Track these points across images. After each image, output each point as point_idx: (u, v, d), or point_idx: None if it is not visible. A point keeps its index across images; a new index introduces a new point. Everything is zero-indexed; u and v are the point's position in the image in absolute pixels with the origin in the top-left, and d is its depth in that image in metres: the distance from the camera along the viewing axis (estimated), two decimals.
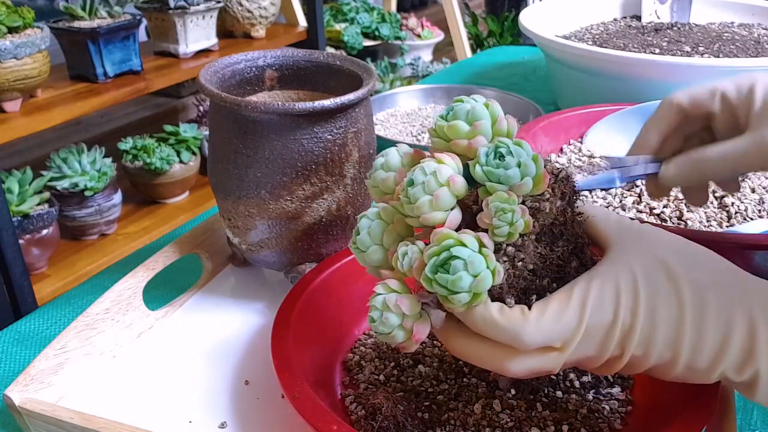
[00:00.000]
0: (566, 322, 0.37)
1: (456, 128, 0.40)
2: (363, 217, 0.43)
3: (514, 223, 0.37)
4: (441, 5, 2.90)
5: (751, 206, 0.67)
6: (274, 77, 0.65)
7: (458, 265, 0.36)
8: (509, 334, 0.37)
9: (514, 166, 0.37)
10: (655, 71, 0.87)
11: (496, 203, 0.37)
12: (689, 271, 0.38)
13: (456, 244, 0.36)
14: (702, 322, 0.36)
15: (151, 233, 1.64)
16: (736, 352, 0.36)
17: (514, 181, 0.38)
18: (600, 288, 0.37)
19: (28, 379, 0.50)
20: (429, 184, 0.38)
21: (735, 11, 1.19)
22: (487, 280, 0.36)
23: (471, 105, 0.41)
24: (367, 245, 0.42)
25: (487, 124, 0.40)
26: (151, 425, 0.49)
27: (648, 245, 0.39)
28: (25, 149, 1.82)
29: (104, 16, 1.57)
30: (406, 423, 0.45)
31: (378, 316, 0.39)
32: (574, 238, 0.41)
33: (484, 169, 0.38)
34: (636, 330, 0.37)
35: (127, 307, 0.58)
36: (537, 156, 0.38)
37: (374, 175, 0.43)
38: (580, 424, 0.47)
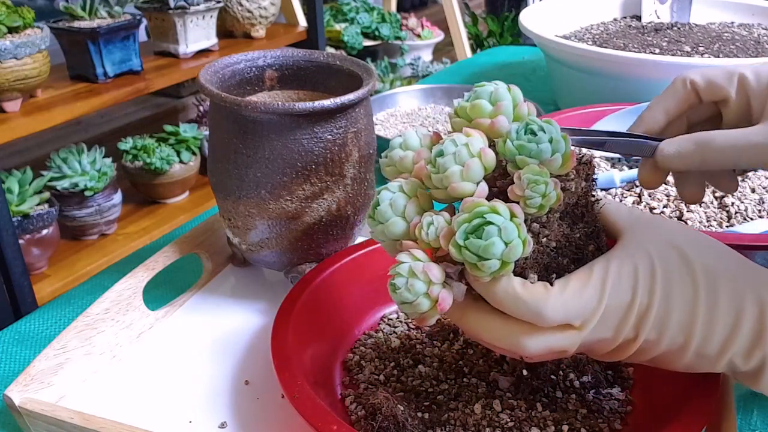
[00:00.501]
0: (587, 299, 0.37)
1: (479, 107, 0.41)
2: (383, 189, 0.42)
3: (547, 194, 0.37)
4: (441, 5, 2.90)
5: (751, 206, 0.67)
6: (274, 77, 0.65)
7: (492, 231, 0.36)
8: (531, 309, 0.37)
9: (546, 141, 0.38)
10: (655, 71, 0.87)
11: (529, 175, 0.37)
12: (701, 256, 0.38)
13: (490, 211, 0.37)
14: (714, 306, 0.37)
15: (151, 233, 1.64)
16: (745, 337, 0.37)
17: (546, 156, 0.38)
18: (619, 268, 0.38)
19: (28, 379, 0.50)
20: (460, 154, 0.38)
21: (735, 11, 1.19)
22: (518, 248, 0.36)
23: (494, 87, 0.41)
24: (388, 217, 0.41)
25: (509, 105, 0.41)
26: (151, 425, 0.49)
27: (660, 232, 0.40)
28: (25, 149, 1.82)
29: (104, 16, 1.57)
30: (406, 423, 0.45)
31: (403, 283, 0.38)
32: (593, 221, 0.42)
33: (515, 143, 0.38)
34: (652, 311, 0.37)
35: (127, 307, 0.58)
36: (566, 136, 0.39)
37: (391, 153, 0.43)
38: (580, 424, 0.47)
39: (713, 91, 0.48)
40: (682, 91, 0.49)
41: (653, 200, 0.68)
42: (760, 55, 0.98)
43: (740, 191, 0.69)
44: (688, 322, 0.37)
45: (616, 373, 0.51)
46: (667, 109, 0.49)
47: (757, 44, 1.02)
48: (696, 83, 0.48)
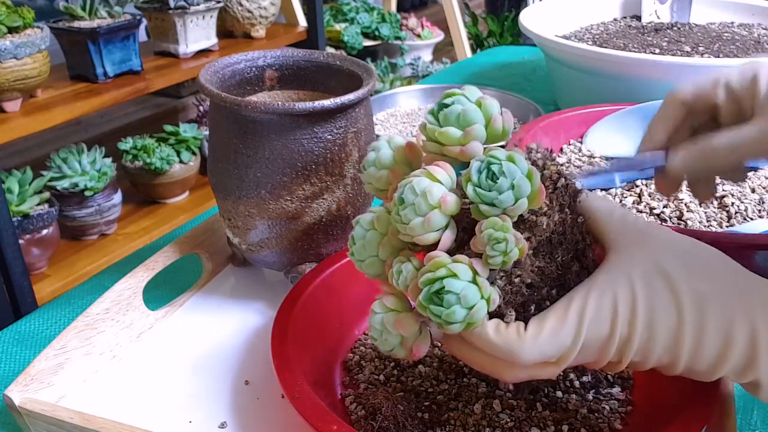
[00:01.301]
0: (562, 340, 0.37)
1: (447, 135, 0.39)
2: (357, 224, 0.42)
3: (508, 252, 0.36)
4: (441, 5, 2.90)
5: (751, 206, 0.67)
6: (274, 77, 0.65)
7: (451, 299, 0.36)
8: (505, 353, 0.37)
9: (507, 189, 0.36)
10: (655, 71, 0.87)
11: (490, 231, 0.36)
12: (690, 278, 0.37)
13: (448, 275, 0.36)
14: (701, 331, 0.36)
15: (151, 233, 1.64)
16: (737, 360, 0.36)
17: (508, 204, 0.36)
18: (597, 301, 0.37)
19: (28, 379, 0.50)
20: (420, 206, 0.37)
21: (735, 11, 1.19)
22: (481, 311, 0.36)
23: (462, 107, 0.39)
24: (364, 257, 0.41)
25: (480, 128, 0.39)
26: (151, 425, 0.49)
27: (649, 250, 0.38)
28: (25, 149, 1.82)
29: (104, 16, 1.57)
30: (406, 423, 0.45)
31: (378, 335, 0.40)
32: (574, 244, 0.40)
33: (476, 190, 0.37)
34: (634, 341, 0.37)
35: (127, 307, 0.58)
36: (531, 172, 0.37)
37: (367, 171, 0.43)
38: (580, 424, 0.47)
39: (702, 101, 0.50)
40: (673, 107, 0.51)
41: (653, 200, 0.68)
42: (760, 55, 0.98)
43: (740, 191, 0.69)
44: (672, 346, 0.37)
45: (616, 373, 0.51)
46: (665, 127, 0.51)
47: (757, 44, 1.02)
48: (685, 98, 0.51)
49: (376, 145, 0.42)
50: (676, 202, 0.67)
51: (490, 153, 0.37)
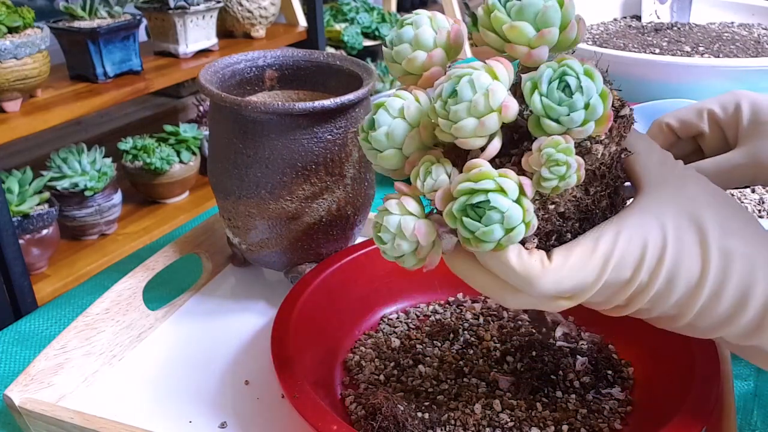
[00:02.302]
0: (584, 277, 0.35)
1: (519, 31, 0.33)
2: (382, 107, 0.36)
3: (565, 177, 0.32)
4: (441, 5, 2.90)
5: (751, 206, 0.67)
6: (274, 77, 0.65)
7: (494, 217, 0.32)
8: (523, 281, 0.35)
9: (581, 108, 0.32)
10: (655, 71, 0.87)
11: (551, 150, 0.32)
12: (723, 236, 0.36)
13: (495, 190, 0.32)
14: (719, 291, 0.36)
15: (151, 233, 1.64)
16: (745, 323, 0.36)
17: (576, 124, 0.32)
18: (627, 243, 0.35)
19: (28, 379, 0.50)
20: (477, 105, 0.32)
21: (735, 11, 1.19)
22: (519, 234, 0.33)
23: (543, 4, 0.33)
24: (384, 146, 0.36)
25: (556, 32, 0.34)
26: (151, 425, 0.49)
27: (686, 199, 0.37)
28: (25, 149, 1.82)
29: (104, 16, 1.57)
30: (406, 423, 0.45)
31: (389, 239, 0.35)
32: (614, 180, 0.37)
33: (544, 101, 0.32)
34: (650, 290, 0.36)
35: (127, 307, 0.58)
36: (606, 92, 0.33)
37: (399, 49, 0.37)
38: (580, 424, 0.47)
39: (688, 129, 0.52)
40: (660, 135, 0.53)
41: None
42: (760, 54, 0.98)
43: (740, 191, 0.69)
44: (685, 302, 0.36)
45: (616, 373, 0.51)
46: None
47: (757, 44, 1.02)
48: (671, 125, 0.52)
49: (415, 20, 0.36)
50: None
51: (564, 61, 0.33)
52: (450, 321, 0.58)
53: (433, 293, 0.61)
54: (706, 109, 0.51)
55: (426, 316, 0.59)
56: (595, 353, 0.53)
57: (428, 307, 0.60)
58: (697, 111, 0.51)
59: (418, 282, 0.60)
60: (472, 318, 0.58)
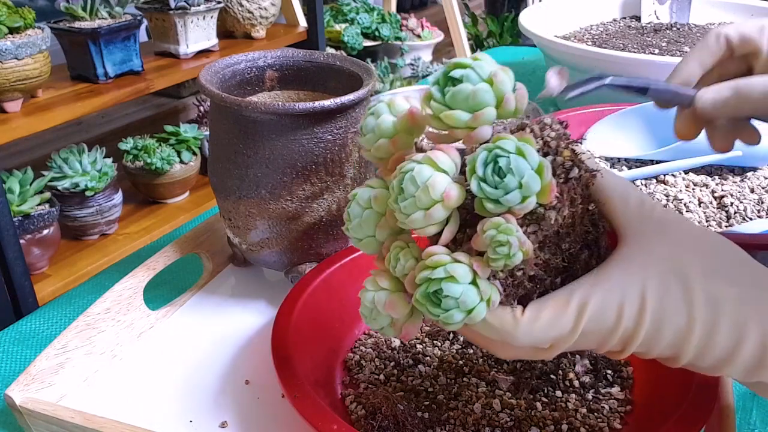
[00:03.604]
0: (559, 329, 0.36)
1: (454, 118, 0.35)
2: (354, 199, 0.39)
3: (511, 256, 0.33)
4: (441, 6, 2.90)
5: (751, 206, 0.67)
6: (274, 78, 0.65)
7: (450, 304, 0.34)
8: (500, 335, 0.36)
9: (515, 189, 0.33)
10: (655, 71, 0.87)
11: (492, 232, 0.33)
12: (709, 280, 0.36)
13: (447, 278, 0.34)
14: (711, 331, 0.35)
15: (151, 233, 1.64)
16: (745, 361, 0.36)
17: (514, 203, 0.33)
18: (602, 298, 0.35)
19: (29, 378, 0.50)
20: (420, 199, 0.34)
21: (734, 12, 1.19)
22: (480, 313, 0.34)
23: (472, 88, 0.35)
24: (361, 236, 0.39)
25: (491, 111, 0.35)
26: (151, 425, 0.49)
27: (666, 243, 0.36)
28: (25, 149, 1.82)
29: (105, 17, 1.57)
30: (406, 422, 0.45)
31: (367, 313, 0.38)
32: (584, 235, 0.38)
33: (481, 185, 0.34)
34: (639, 336, 0.36)
35: (127, 306, 0.58)
36: (542, 166, 0.34)
37: (365, 138, 0.39)
38: (579, 424, 0.47)
39: (746, 44, 0.48)
40: (715, 44, 0.49)
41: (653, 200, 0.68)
42: None
43: (739, 191, 0.69)
44: (680, 343, 0.36)
45: (616, 373, 0.52)
46: (702, 62, 0.49)
47: None
48: (729, 36, 0.48)
49: (376, 109, 0.39)
50: (675, 202, 0.68)
51: (497, 142, 0.34)
52: None
53: None
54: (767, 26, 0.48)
55: None
56: (595, 353, 0.53)
57: None
58: (759, 27, 0.48)
59: None
60: None
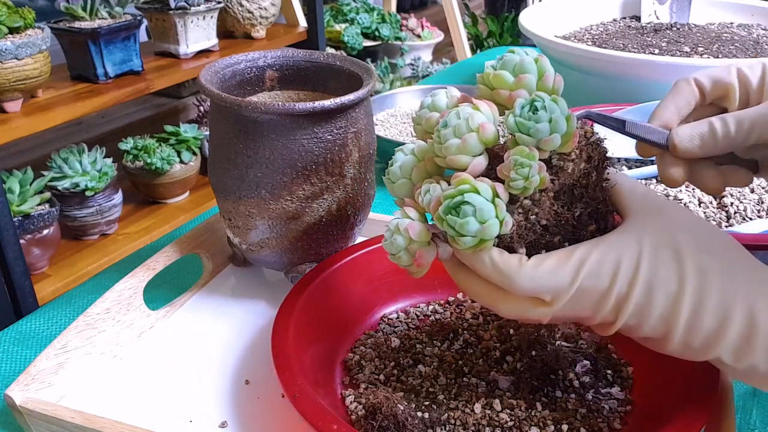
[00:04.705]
0: (559, 279, 0.38)
1: (501, 78, 0.41)
2: (399, 150, 0.44)
3: (529, 178, 0.37)
4: (441, 6, 2.90)
5: (751, 206, 0.67)
6: (274, 78, 0.65)
7: (468, 211, 0.37)
8: (503, 277, 0.39)
9: (545, 121, 0.38)
10: (655, 71, 0.87)
11: (516, 157, 0.38)
12: (698, 253, 0.38)
13: (470, 190, 0.38)
14: (700, 304, 0.37)
15: (151, 233, 1.64)
16: (733, 339, 0.37)
17: (542, 135, 0.38)
18: (601, 255, 0.38)
19: (29, 378, 0.50)
20: (460, 127, 0.39)
21: (734, 12, 1.19)
22: (493, 228, 0.37)
23: (520, 57, 0.41)
24: (397, 177, 0.43)
25: (533, 78, 0.41)
26: (151, 425, 0.49)
27: (664, 222, 0.39)
28: (25, 149, 1.82)
29: (105, 17, 1.57)
30: (406, 422, 0.45)
31: (389, 236, 0.41)
32: (595, 202, 0.41)
33: (516, 119, 0.39)
34: (631, 300, 0.38)
35: (127, 306, 0.58)
36: (571, 115, 0.39)
37: (419, 113, 0.44)
38: (579, 424, 0.47)
39: (718, 86, 0.48)
40: (687, 89, 0.49)
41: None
42: (759, 55, 0.98)
43: (739, 191, 0.69)
44: (669, 315, 0.38)
45: (616, 373, 0.52)
46: (677, 107, 0.49)
47: (756, 45, 1.03)
48: (700, 81, 0.48)
49: (435, 92, 0.44)
50: (675, 202, 0.67)
51: (536, 93, 0.39)
52: (450, 321, 0.58)
53: (433, 293, 0.61)
54: (735, 67, 0.48)
55: (426, 316, 0.59)
56: (595, 353, 0.53)
57: (428, 307, 0.60)
58: (726, 68, 0.48)
59: (418, 282, 0.59)
60: (472, 318, 0.58)
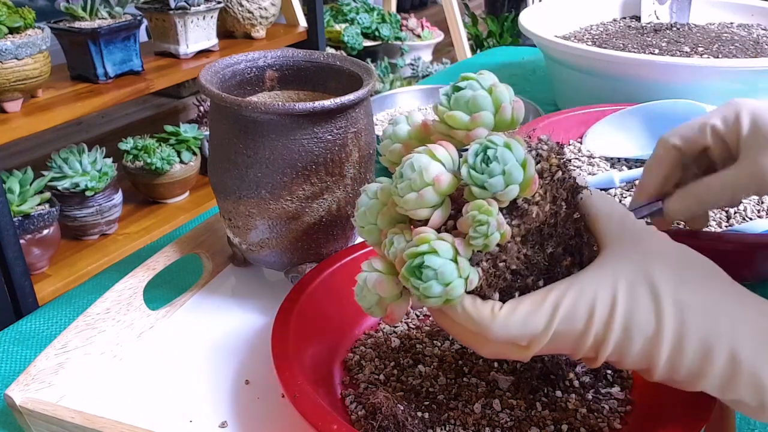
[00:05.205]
0: (533, 326, 0.37)
1: (455, 118, 0.40)
2: (364, 191, 0.43)
3: (489, 236, 0.36)
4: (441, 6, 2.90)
5: (751, 206, 0.67)
6: (274, 78, 0.65)
7: (429, 274, 0.37)
8: (476, 326, 0.38)
9: (498, 174, 0.37)
10: (655, 71, 0.87)
11: (474, 212, 0.37)
12: (677, 289, 0.37)
13: (429, 252, 0.37)
14: (680, 343, 0.36)
15: (151, 233, 1.64)
16: (717, 376, 0.36)
17: (498, 189, 0.37)
18: (575, 297, 0.37)
19: (29, 378, 0.50)
20: (415, 182, 0.38)
21: (734, 12, 1.19)
22: (457, 289, 0.37)
23: (472, 93, 0.40)
24: (365, 222, 0.43)
25: (488, 115, 0.40)
26: (151, 425, 0.49)
27: (640, 256, 0.38)
28: (26, 149, 1.82)
29: (105, 17, 1.57)
30: (406, 422, 0.45)
31: (359, 291, 0.41)
32: (566, 237, 0.40)
33: (470, 172, 0.38)
34: (609, 341, 0.37)
35: (127, 306, 0.58)
36: (527, 160, 0.37)
37: (383, 143, 0.44)
38: (579, 424, 0.47)
39: (692, 147, 0.52)
40: (666, 153, 0.53)
41: None
42: (759, 55, 0.98)
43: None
44: (650, 353, 0.37)
45: (616, 372, 0.52)
46: (660, 172, 0.54)
47: (756, 45, 1.03)
48: (675, 145, 0.53)
49: (395, 119, 0.44)
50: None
51: (489, 137, 0.38)
52: None
53: None
54: (709, 124, 0.51)
55: (426, 315, 0.59)
56: None
57: None
58: (700, 126, 0.52)
59: None
60: None
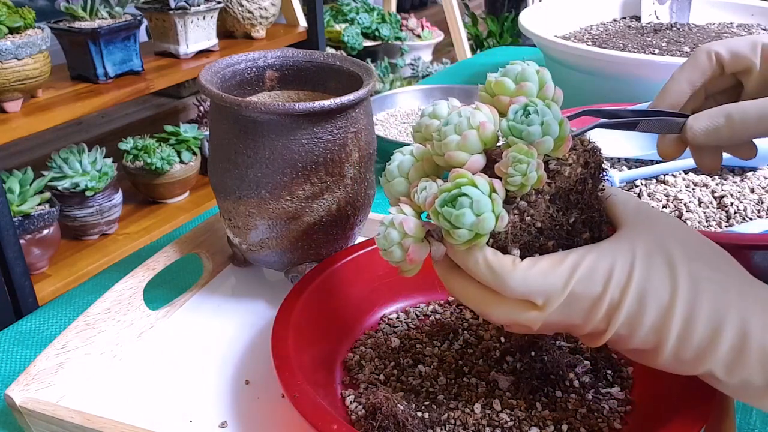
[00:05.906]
0: (551, 282, 0.38)
1: (502, 85, 0.42)
2: (398, 151, 0.45)
3: (527, 174, 0.38)
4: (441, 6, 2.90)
5: (751, 206, 0.67)
6: (274, 78, 0.65)
7: (464, 202, 0.37)
8: (495, 277, 0.38)
9: (537, 124, 0.39)
10: (655, 71, 0.87)
11: (515, 153, 0.38)
12: (691, 262, 0.38)
13: (467, 183, 0.38)
14: (692, 313, 0.37)
15: (151, 233, 1.64)
16: (725, 352, 0.36)
17: (535, 137, 0.38)
18: (594, 261, 0.38)
19: (29, 378, 0.50)
20: (461, 125, 0.40)
21: (734, 12, 1.19)
22: (489, 221, 0.37)
23: (522, 67, 0.42)
24: (394, 176, 0.44)
25: (533, 87, 0.42)
26: (151, 425, 0.49)
27: (657, 231, 0.39)
28: (25, 149, 1.82)
29: (105, 17, 1.57)
30: (406, 422, 0.45)
31: (382, 230, 0.41)
32: (590, 210, 0.42)
33: (509, 123, 0.39)
34: (623, 308, 0.37)
35: (127, 306, 0.58)
36: (564, 120, 0.39)
37: (420, 120, 0.45)
38: (579, 424, 0.47)
39: (738, 62, 0.47)
40: (706, 62, 0.48)
41: (652, 200, 0.68)
42: None
43: (739, 191, 0.69)
44: (661, 325, 0.37)
45: (616, 372, 0.52)
46: (691, 81, 0.48)
47: None
48: (720, 55, 0.48)
49: (436, 102, 0.45)
50: (675, 202, 0.68)
51: (531, 99, 0.40)
52: (450, 321, 0.58)
53: (433, 293, 0.61)
54: (761, 43, 0.47)
55: (426, 315, 0.59)
56: (595, 353, 0.53)
57: (428, 306, 0.60)
58: (751, 43, 0.47)
59: (418, 282, 0.60)
60: (472, 318, 0.58)
